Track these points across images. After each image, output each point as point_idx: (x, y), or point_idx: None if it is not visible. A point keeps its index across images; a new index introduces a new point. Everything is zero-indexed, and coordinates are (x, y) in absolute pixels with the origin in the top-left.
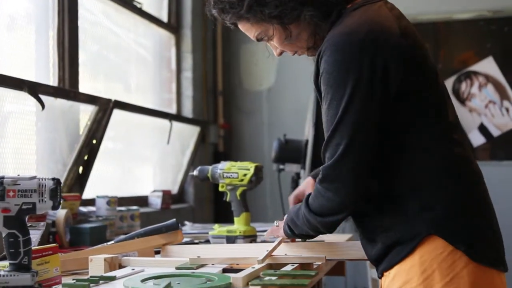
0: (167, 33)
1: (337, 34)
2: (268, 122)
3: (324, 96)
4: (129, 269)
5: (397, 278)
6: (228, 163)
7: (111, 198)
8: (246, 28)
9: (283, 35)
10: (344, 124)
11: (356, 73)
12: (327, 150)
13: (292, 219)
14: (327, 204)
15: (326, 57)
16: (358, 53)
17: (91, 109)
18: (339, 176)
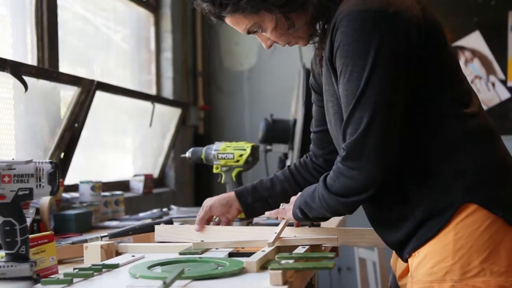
0: (146, 12)
1: (352, 5)
2: (249, 103)
3: (343, 69)
4: (129, 256)
5: (429, 257)
6: (223, 144)
7: (96, 183)
8: (236, 21)
9: (284, 25)
10: (366, 97)
11: (378, 41)
12: (348, 125)
13: (306, 202)
14: (351, 183)
15: (343, 28)
16: (378, 19)
17: (69, 92)
18: (364, 152)
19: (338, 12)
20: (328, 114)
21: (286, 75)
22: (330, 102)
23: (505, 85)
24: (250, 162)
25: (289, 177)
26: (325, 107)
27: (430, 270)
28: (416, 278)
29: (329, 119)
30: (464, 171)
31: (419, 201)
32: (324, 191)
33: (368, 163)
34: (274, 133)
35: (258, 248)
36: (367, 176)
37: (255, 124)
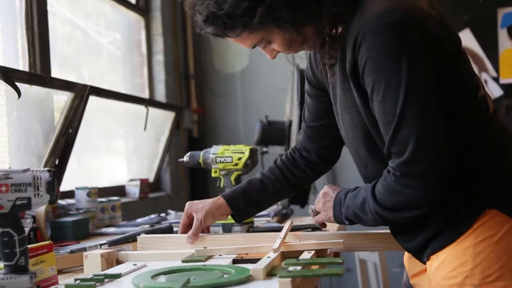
0: (136, 16)
1: (373, 17)
2: (243, 105)
3: (375, 86)
4: (130, 264)
5: (449, 260)
6: (221, 147)
7: (92, 189)
8: (242, 39)
9: (293, 37)
10: (408, 113)
11: (408, 54)
12: (393, 144)
13: (356, 214)
14: (407, 200)
15: (368, 43)
16: (404, 31)
17: (62, 97)
18: (417, 171)
19: (359, 24)
20: (344, 124)
21: (278, 76)
22: (347, 114)
23: (498, 82)
24: (249, 165)
25: (281, 177)
26: (340, 117)
27: (449, 274)
28: (434, 282)
29: (346, 129)
30: (489, 177)
31: (443, 207)
32: (377, 206)
33: (425, 181)
34: (270, 135)
35: (262, 254)
36: (424, 193)
37: (249, 126)
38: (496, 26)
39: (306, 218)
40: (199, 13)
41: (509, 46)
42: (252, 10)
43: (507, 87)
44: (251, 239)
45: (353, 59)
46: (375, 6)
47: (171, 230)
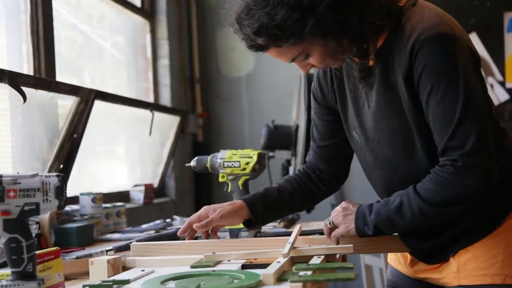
0: (141, 19)
1: (428, 28)
2: (248, 109)
3: (434, 87)
4: (138, 270)
5: (481, 253)
6: (228, 152)
7: (96, 195)
8: (283, 51)
9: (333, 50)
10: (469, 110)
11: (460, 60)
12: (453, 139)
13: (389, 219)
14: (462, 192)
15: (426, 50)
16: (456, 40)
17: (67, 102)
18: (479, 162)
19: (415, 34)
20: (378, 132)
21: (284, 80)
22: (385, 121)
23: (504, 87)
24: (257, 170)
25: (297, 188)
26: (372, 124)
27: (482, 265)
28: (465, 273)
29: (379, 137)
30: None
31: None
32: (424, 204)
33: (485, 173)
34: (277, 140)
35: (271, 259)
36: (480, 184)
37: (255, 130)
38: (502, 30)
39: (313, 223)
40: (248, 26)
41: None
42: (303, 21)
43: None
44: (259, 244)
45: (410, 64)
46: (424, 19)
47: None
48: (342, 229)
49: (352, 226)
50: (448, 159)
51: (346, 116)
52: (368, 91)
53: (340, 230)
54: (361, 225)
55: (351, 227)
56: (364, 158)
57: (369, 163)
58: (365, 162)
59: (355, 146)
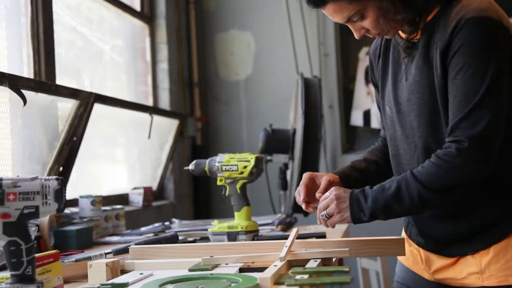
0: (140, 23)
1: (475, 10)
2: (246, 113)
3: (464, 66)
4: (136, 273)
5: (503, 253)
6: (226, 155)
7: (96, 198)
8: (340, 8)
9: (391, 11)
10: (490, 98)
11: (498, 47)
12: (467, 118)
13: (387, 205)
14: (463, 175)
15: (467, 30)
16: (498, 29)
17: (67, 105)
18: (484, 147)
19: (462, 13)
20: (409, 104)
21: (282, 84)
22: (418, 93)
23: None
24: (254, 173)
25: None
26: (405, 97)
27: (505, 266)
28: (488, 274)
29: (409, 109)
30: None
31: (498, 201)
32: (423, 189)
33: (490, 157)
34: (274, 143)
35: (269, 263)
36: (483, 168)
37: (253, 134)
38: None
39: (311, 227)
40: None
41: None
42: None
43: None
44: (257, 248)
45: (449, 40)
46: (475, 2)
47: (176, 238)
48: (337, 217)
49: (347, 214)
50: (454, 140)
51: (384, 91)
52: (409, 65)
53: (335, 218)
54: (357, 212)
55: (346, 215)
56: (394, 133)
57: (398, 137)
58: (394, 137)
59: (386, 121)
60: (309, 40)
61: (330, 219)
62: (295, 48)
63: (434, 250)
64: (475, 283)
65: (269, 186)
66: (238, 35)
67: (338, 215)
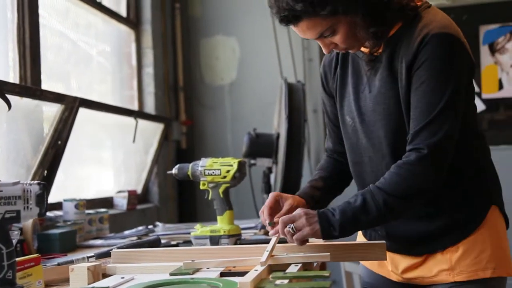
0: (126, 29)
1: (438, 27)
2: (231, 117)
3: (427, 79)
4: (118, 277)
5: (471, 250)
6: (209, 160)
7: (80, 201)
8: (313, 25)
9: (361, 27)
10: (448, 111)
11: (458, 65)
12: (427, 127)
13: (355, 216)
14: (423, 182)
15: (432, 45)
16: (460, 44)
17: (52, 109)
18: (440, 157)
19: (426, 29)
20: (374, 114)
21: (267, 89)
22: (383, 104)
23: (480, 97)
24: (237, 178)
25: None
26: (370, 107)
27: (474, 261)
28: (459, 270)
29: (376, 118)
30: (493, 179)
31: (460, 201)
32: (388, 197)
33: (442, 163)
34: (258, 147)
35: (250, 267)
36: (440, 174)
37: (237, 138)
38: (478, 43)
39: None
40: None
41: (490, 62)
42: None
43: (489, 102)
44: (238, 252)
45: (415, 54)
46: (438, 19)
47: (158, 242)
48: (307, 230)
49: (317, 227)
50: (414, 148)
51: (343, 102)
52: (372, 77)
53: (305, 232)
54: (327, 227)
55: (316, 228)
56: (356, 142)
57: (362, 145)
58: (357, 145)
59: (346, 131)
60: (293, 45)
61: (299, 232)
62: (279, 53)
63: (400, 251)
64: (446, 279)
65: (253, 190)
66: (223, 40)
67: (308, 228)
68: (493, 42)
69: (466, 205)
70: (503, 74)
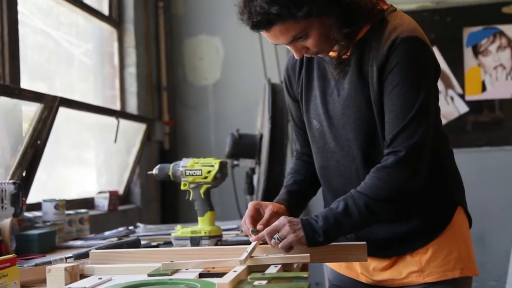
0: (108, 27)
1: (406, 30)
2: (214, 118)
3: (400, 82)
4: (95, 278)
5: (439, 251)
6: (190, 160)
7: (59, 202)
8: (286, 29)
9: (333, 30)
10: (423, 113)
11: (429, 67)
12: (404, 130)
13: (337, 221)
14: (403, 184)
15: (402, 49)
16: (429, 51)
17: (31, 108)
18: (418, 158)
19: (395, 33)
20: (344, 117)
21: (250, 90)
22: (353, 107)
23: (463, 99)
24: (218, 178)
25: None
26: (339, 111)
27: (442, 262)
28: (428, 271)
29: (345, 122)
30: (458, 180)
31: (428, 204)
32: (369, 200)
33: (423, 167)
34: (241, 148)
35: (229, 268)
36: (419, 177)
37: (221, 138)
38: (462, 45)
39: None
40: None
41: (474, 64)
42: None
43: (472, 104)
44: (218, 253)
45: (386, 58)
46: (405, 22)
47: (138, 243)
48: (292, 237)
49: (302, 234)
50: (393, 151)
51: (309, 105)
52: (340, 80)
53: (290, 239)
54: (311, 233)
55: (301, 234)
56: (323, 145)
57: (330, 149)
58: (324, 149)
59: (313, 135)
60: (277, 45)
61: (284, 240)
62: (263, 53)
63: (370, 253)
64: (416, 281)
65: (236, 191)
66: (207, 40)
67: (293, 235)
68: (476, 44)
69: (434, 207)
70: (486, 76)
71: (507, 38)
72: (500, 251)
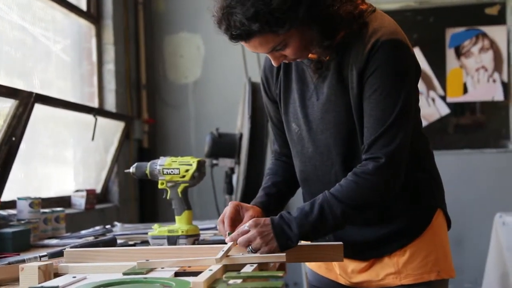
0: (87, 23)
1: (386, 33)
2: (195, 116)
3: (379, 87)
4: (69, 277)
5: (417, 253)
6: (168, 159)
7: (34, 200)
8: (266, 40)
9: (313, 39)
10: (403, 118)
11: (409, 71)
12: (383, 136)
13: (313, 227)
14: (380, 190)
15: (382, 52)
16: (409, 53)
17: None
18: (397, 164)
19: (375, 36)
20: (323, 122)
21: (231, 89)
22: (333, 112)
23: (445, 101)
24: (196, 177)
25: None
26: (318, 115)
27: (419, 264)
28: (405, 273)
29: (325, 127)
30: (438, 182)
31: (407, 206)
32: (345, 207)
33: (401, 171)
34: (220, 147)
35: (205, 267)
36: (395, 182)
37: (201, 137)
38: (444, 46)
39: None
40: (240, 13)
41: (456, 65)
42: (296, 6)
43: (454, 105)
44: (194, 252)
45: (366, 62)
46: (385, 25)
47: (114, 242)
48: (266, 249)
49: (275, 244)
50: (371, 157)
51: (288, 108)
52: (320, 84)
53: (263, 251)
54: (284, 241)
55: (274, 245)
56: (301, 149)
57: (308, 153)
58: (303, 153)
59: (292, 138)
60: None
61: (258, 252)
62: (244, 52)
63: (348, 255)
64: (393, 283)
65: (215, 191)
66: (188, 37)
67: (266, 248)
68: (459, 45)
69: (414, 209)
70: (468, 78)
71: (490, 40)
72: (477, 253)
